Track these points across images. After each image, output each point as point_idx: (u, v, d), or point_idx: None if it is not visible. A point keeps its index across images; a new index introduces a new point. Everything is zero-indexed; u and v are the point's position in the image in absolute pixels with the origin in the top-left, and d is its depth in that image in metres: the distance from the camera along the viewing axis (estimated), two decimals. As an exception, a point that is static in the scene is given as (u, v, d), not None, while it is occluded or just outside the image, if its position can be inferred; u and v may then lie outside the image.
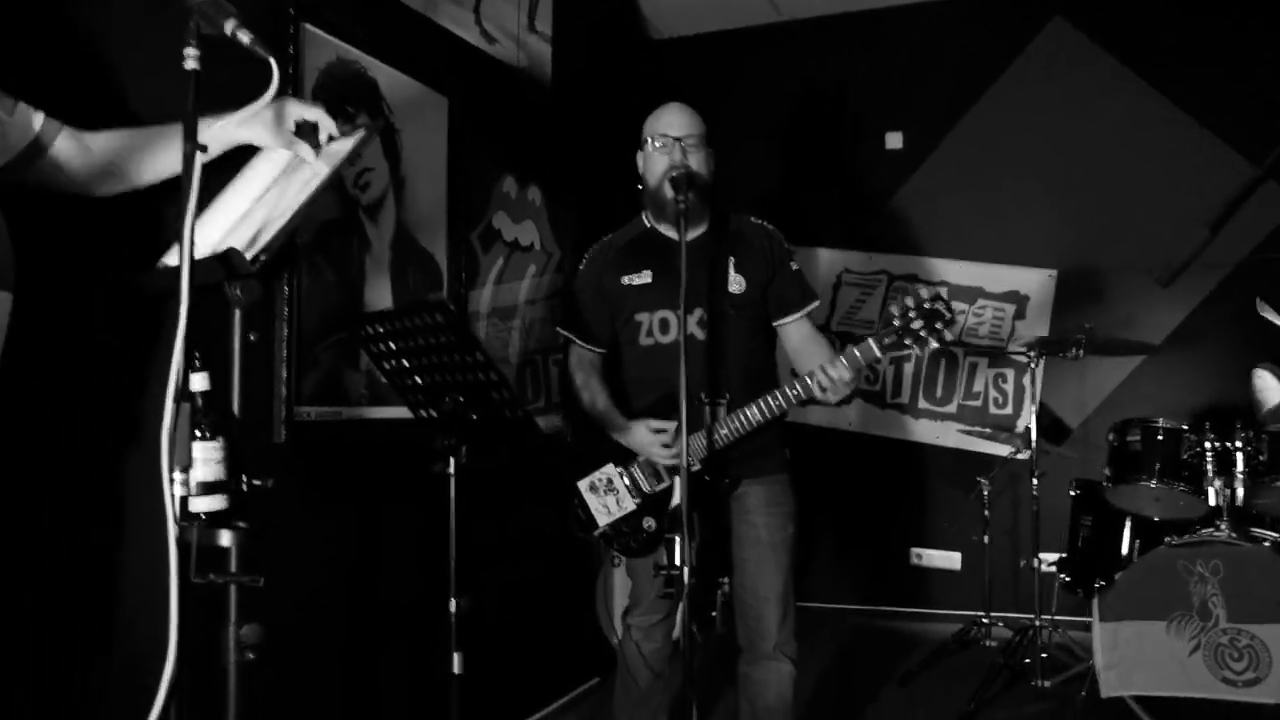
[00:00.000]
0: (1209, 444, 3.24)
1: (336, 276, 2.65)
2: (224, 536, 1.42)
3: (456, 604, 2.16)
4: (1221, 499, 3.19)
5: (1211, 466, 3.23)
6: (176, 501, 1.35)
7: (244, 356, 1.54)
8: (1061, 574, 3.83)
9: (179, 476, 1.35)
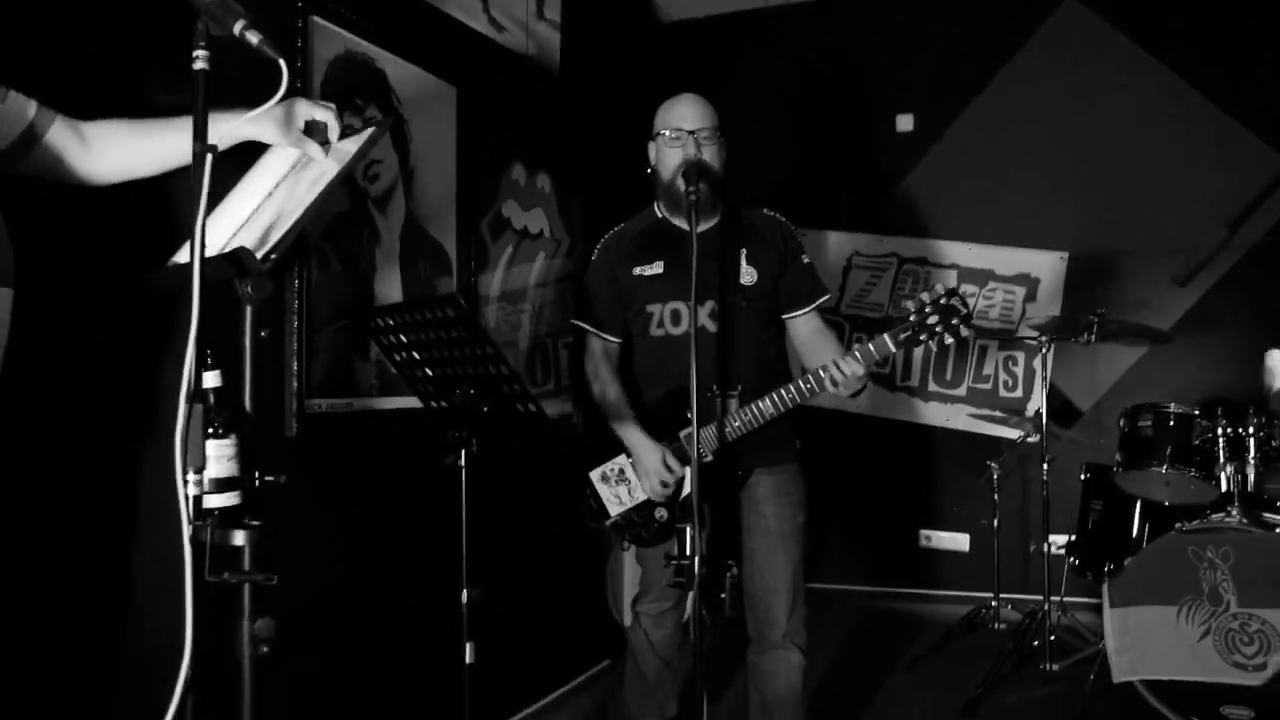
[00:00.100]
0: (1221, 429, 3.24)
1: (346, 269, 2.66)
2: (238, 536, 1.43)
3: (468, 595, 2.18)
4: (1233, 484, 3.20)
5: (1223, 452, 3.23)
6: (190, 501, 1.36)
7: (255, 352, 1.55)
8: (1071, 557, 3.84)
9: (193, 476, 1.37)
